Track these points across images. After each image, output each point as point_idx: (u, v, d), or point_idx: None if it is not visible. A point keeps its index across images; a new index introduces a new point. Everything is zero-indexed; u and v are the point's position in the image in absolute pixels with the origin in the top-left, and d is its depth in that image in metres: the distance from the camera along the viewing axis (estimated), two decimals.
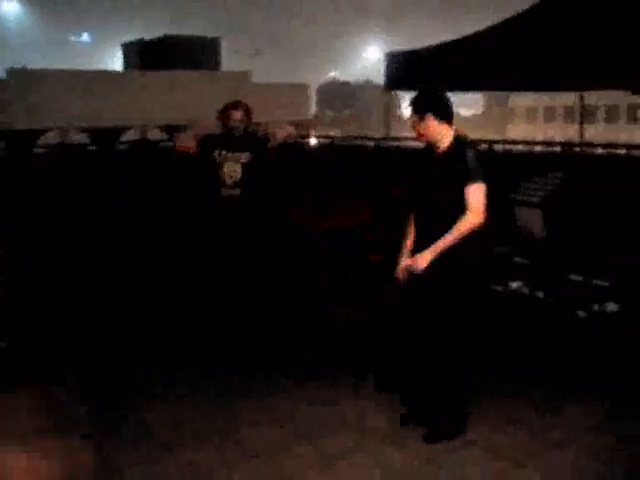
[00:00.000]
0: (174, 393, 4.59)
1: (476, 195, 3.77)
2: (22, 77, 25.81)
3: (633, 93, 8.09)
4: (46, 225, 7.48)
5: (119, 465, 3.73)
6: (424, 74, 7.11)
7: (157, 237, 7.55)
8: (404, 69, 7.30)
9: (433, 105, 3.91)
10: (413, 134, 4.12)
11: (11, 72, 25.92)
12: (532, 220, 6.36)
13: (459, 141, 3.93)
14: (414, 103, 3.97)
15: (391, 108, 44.00)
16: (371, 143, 12.41)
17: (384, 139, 12.36)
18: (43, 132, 24.82)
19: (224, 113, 5.64)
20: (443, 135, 3.92)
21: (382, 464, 3.76)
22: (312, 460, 3.80)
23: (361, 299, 6.11)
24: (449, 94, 3.99)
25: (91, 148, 19.03)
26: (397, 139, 13.01)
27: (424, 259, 3.82)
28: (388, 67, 7.46)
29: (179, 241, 7.29)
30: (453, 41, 7.07)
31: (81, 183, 8.33)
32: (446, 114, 3.91)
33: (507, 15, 6.59)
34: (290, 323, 5.88)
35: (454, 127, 3.96)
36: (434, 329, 3.94)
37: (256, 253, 5.64)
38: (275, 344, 5.42)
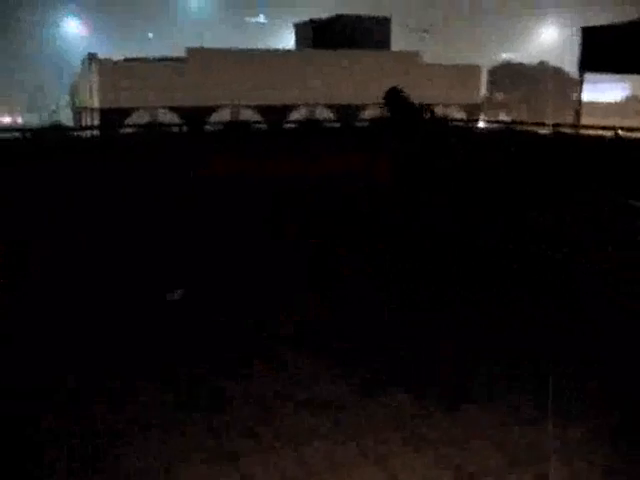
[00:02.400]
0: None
1: None
2: (200, 56, 26.74)
3: None
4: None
5: None
6: (627, 53, 6.27)
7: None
8: (603, 47, 6.46)
9: None
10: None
11: (190, 51, 26.92)
12: None
13: None
14: None
15: (566, 93, 41.62)
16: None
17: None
18: (215, 109, 25.63)
19: None
20: None
21: None
22: None
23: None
24: None
25: (261, 125, 19.46)
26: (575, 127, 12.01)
27: None
28: (584, 45, 6.62)
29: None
30: None
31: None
32: None
33: None
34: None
35: None
36: None
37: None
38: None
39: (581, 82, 13.40)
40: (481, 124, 21.75)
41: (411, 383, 4.41)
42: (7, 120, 49.68)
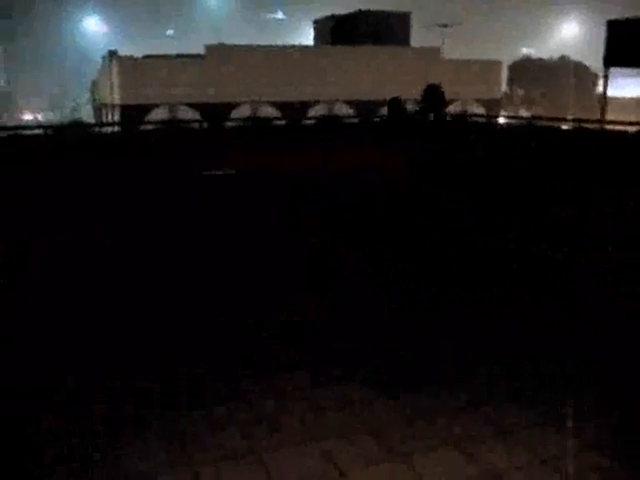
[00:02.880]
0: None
1: None
2: (219, 52, 26.81)
3: None
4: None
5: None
6: None
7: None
8: (630, 41, 6.35)
9: None
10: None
11: (209, 48, 26.99)
12: None
13: None
14: None
15: (587, 88, 41.23)
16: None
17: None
18: (235, 106, 25.69)
19: None
20: None
21: None
22: None
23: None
24: None
25: (280, 122, 19.48)
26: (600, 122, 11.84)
27: None
28: (609, 39, 6.51)
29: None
30: None
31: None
32: None
33: None
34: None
35: None
36: None
37: None
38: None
39: (605, 77, 13.20)
40: (501, 120, 21.61)
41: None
42: (29, 117, 50.23)
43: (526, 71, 42.38)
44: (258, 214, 8.13)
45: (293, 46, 33.99)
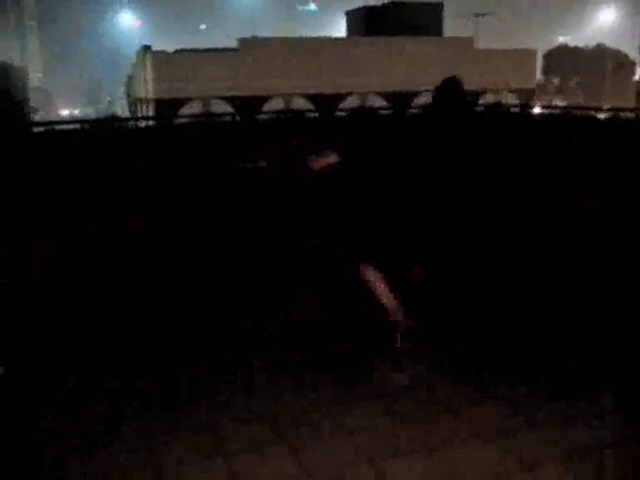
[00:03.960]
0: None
1: None
2: (251, 45, 26.90)
3: None
4: None
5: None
6: None
7: None
8: None
9: None
10: None
11: (241, 41, 27.09)
12: None
13: None
14: None
15: (625, 76, 40.50)
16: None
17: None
18: (267, 98, 25.78)
19: None
20: None
21: None
22: None
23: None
24: None
25: (313, 114, 19.45)
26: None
27: None
28: None
29: None
30: None
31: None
32: None
33: None
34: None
35: None
36: None
37: None
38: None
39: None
40: (537, 109, 21.25)
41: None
42: (65, 113, 51.04)
43: (562, 60, 41.75)
44: (287, 209, 8.05)
45: (326, 38, 33.93)
